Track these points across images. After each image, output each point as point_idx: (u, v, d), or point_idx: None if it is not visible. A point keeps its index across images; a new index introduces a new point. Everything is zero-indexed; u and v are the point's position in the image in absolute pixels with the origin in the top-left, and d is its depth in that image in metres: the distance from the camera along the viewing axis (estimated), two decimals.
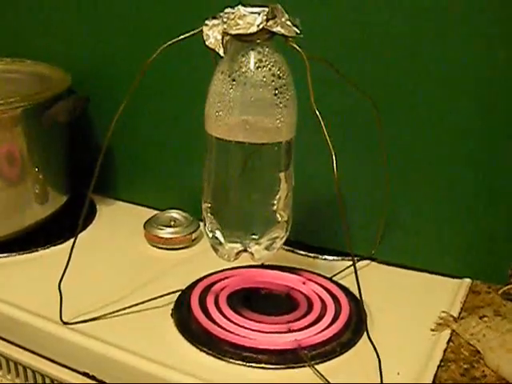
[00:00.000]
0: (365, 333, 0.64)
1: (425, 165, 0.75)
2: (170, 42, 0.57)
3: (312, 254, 0.83)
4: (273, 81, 0.57)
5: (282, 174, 0.60)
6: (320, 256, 0.82)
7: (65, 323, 0.67)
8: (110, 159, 0.94)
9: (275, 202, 0.61)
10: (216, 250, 0.64)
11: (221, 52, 0.55)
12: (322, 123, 0.53)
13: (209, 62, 0.59)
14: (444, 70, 0.71)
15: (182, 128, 0.88)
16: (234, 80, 0.57)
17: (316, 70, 0.55)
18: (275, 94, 0.57)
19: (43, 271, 0.77)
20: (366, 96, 0.67)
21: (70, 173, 0.93)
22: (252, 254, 0.63)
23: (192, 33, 0.56)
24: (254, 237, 0.62)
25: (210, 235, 0.63)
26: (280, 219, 0.62)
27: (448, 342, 0.65)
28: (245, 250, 0.62)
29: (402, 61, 0.73)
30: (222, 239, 0.63)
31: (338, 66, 0.63)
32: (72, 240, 0.66)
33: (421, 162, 0.75)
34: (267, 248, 0.62)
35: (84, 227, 0.88)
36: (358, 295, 0.61)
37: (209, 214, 0.63)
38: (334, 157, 0.53)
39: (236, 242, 0.62)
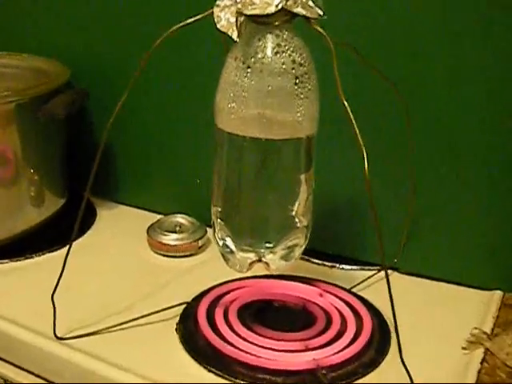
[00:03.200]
0: (389, 352, 0.62)
1: (452, 173, 0.74)
2: (177, 26, 0.55)
3: (329, 263, 0.81)
4: (293, 68, 0.54)
5: (302, 176, 0.59)
6: (338, 265, 0.81)
7: (58, 338, 0.65)
8: (110, 159, 0.93)
9: (294, 206, 0.59)
10: (227, 260, 0.62)
11: (234, 36, 0.52)
12: (351, 116, 0.50)
13: (218, 50, 0.57)
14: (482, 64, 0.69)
15: (188, 123, 0.87)
16: (248, 67, 0.54)
17: (341, 58, 0.53)
18: (295, 84, 0.54)
19: (38, 280, 0.75)
20: (393, 87, 0.66)
21: (68, 174, 0.92)
22: (267, 265, 0.61)
23: (202, 15, 0.54)
24: (268, 245, 0.60)
25: (220, 243, 0.62)
26: (299, 224, 0.60)
27: (482, 363, 0.62)
28: (259, 260, 0.61)
29: (432, 48, 0.71)
30: (233, 247, 0.61)
31: (365, 53, 0.61)
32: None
33: (447, 170, 0.74)
34: (284, 257, 0.61)
35: (82, 232, 0.87)
36: (379, 308, 0.63)
37: (218, 220, 0.61)
38: (365, 155, 0.51)
39: (248, 251, 0.61)
